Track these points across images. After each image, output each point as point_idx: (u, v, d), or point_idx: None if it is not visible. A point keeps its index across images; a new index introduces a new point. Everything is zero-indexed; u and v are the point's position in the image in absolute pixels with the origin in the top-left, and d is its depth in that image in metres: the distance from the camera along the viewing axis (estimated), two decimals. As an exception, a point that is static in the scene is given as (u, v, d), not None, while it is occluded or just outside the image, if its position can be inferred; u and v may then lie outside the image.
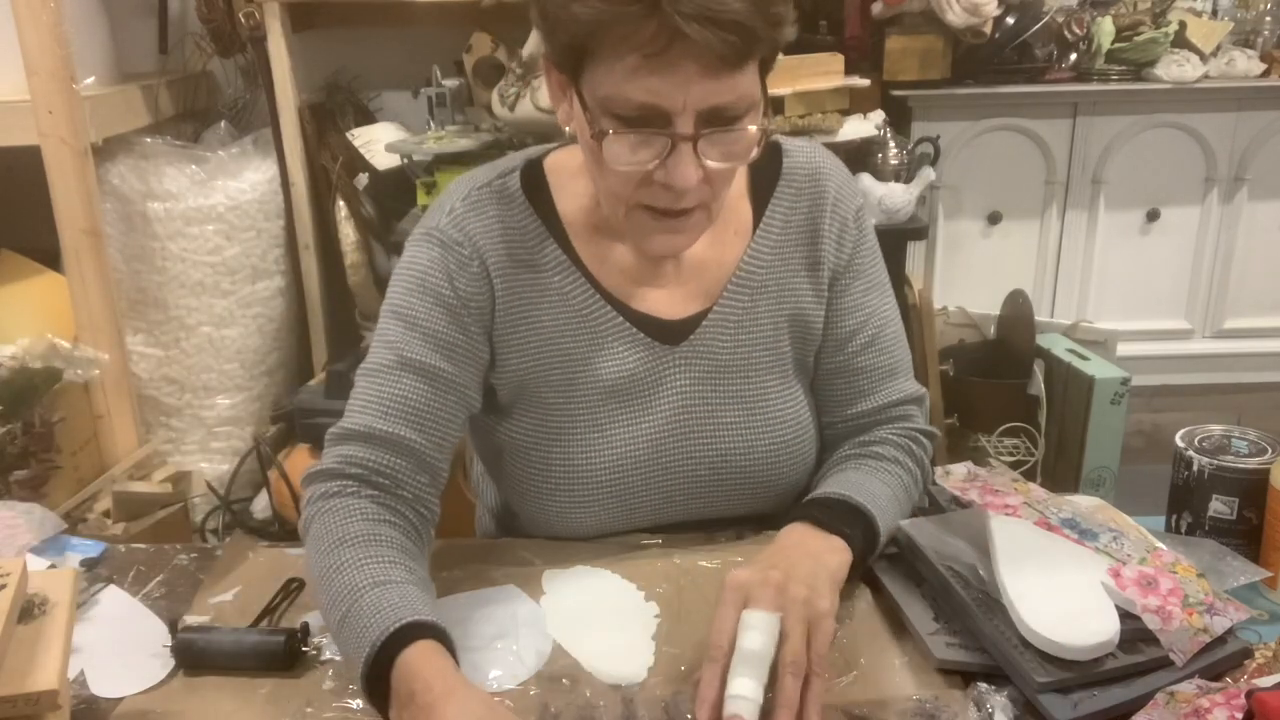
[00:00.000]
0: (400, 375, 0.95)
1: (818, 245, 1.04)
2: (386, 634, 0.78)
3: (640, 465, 1.02)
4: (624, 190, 0.90)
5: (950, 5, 2.63)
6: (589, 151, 0.90)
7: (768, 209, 1.04)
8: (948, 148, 2.83)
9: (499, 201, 1.00)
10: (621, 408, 1.02)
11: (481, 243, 0.98)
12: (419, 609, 0.81)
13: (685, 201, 0.89)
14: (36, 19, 1.94)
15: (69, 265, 2.09)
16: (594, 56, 0.84)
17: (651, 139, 0.85)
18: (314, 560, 0.88)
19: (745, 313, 1.03)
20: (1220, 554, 0.92)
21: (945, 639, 0.87)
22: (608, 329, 1.01)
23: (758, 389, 1.04)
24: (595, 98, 0.86)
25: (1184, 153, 3.04)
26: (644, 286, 1.02)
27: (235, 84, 2.80)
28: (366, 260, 2.65)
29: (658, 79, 0.82)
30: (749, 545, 1.04)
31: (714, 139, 0.86)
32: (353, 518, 0.90)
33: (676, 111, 0.83)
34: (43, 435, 1.97)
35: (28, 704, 0.73)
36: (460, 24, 2.58)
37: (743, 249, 1.03)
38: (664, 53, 0.81)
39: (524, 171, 1.02)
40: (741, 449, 1.03)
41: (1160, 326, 3.20)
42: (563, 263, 1.00)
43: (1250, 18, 3.08)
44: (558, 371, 1.01)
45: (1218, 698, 0.76)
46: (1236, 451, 0.99)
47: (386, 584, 0.83)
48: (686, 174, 0.86)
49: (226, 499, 2.45)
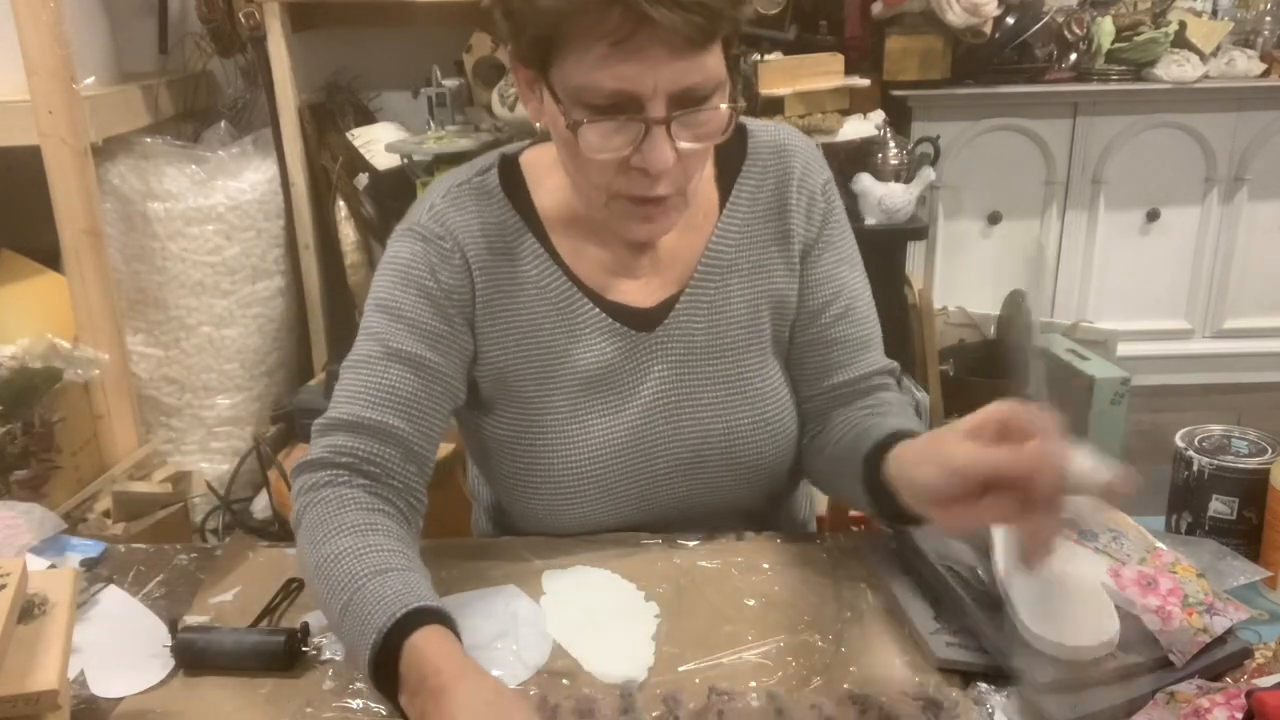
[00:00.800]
0: (387, 365, 0.96)
1: (786, 220, 1.05)
2: (393, 620, 0.78)
3: (621, 453, 1.03)
4: (601, 179, 0.91)
5: (950, 5, 2.63)
6: (563, 144, 0.92)
7: (734, 188, 1.05)
8: (948, 148, 2.83)
9: (478, 197, 1.02)
10: (600, 398, 1.03)
11: (462, 237, 1.00)
12: (423, 595, 0.81)
13: (661, 187, 0.90)
14: (36, 19, 1.94)
15: (69, 265, 2.09)
16: (561, 49, 0.85)
17: (625, 125, 0.86)
18: (309, 551, 0.88)
19: (718, 293, 1.04)
20: (1220, 554, 0.92)
21: (945, 639, 0.87)
22: (584, 320, 1.02)
23: (735, 368, 1.05)
24: (566, 89, 0.87)
25: (1184, 153, 3.04)
26: (619, 278, 1.03)
27: (235, 84, 2.80)
28: (366, 260, 2.65)
29: (627, 65, 0.83)
30: (749, 545, 1.04)
31: (685, 120, 0.87)
32: (346, 507, 0.90)
33: (647, 96, 0.85)
34: (43, 435, 1.97)
35: (28, 704, 0.73)
36: (460, 24, 2.58)
37: (711, 231, 1.04)
38: (631, 38, 0.82)
39: (501, 168, 1.04)
40: (721, 428, 1.04)
41: (1160, 326, 3.20)
42: (540, 256, 1.01)
43: (1250, 18, 3.08)
44: (536, 364, 1.02)
45: (1218, 698, 0.76)
46: (1236, 451, 0.99)
47: (388, 571, 0.83)
48: (663, 156, 0.87)
49: (226, 499, 2.45)
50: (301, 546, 0.90)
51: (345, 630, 0.83)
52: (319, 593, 0.86)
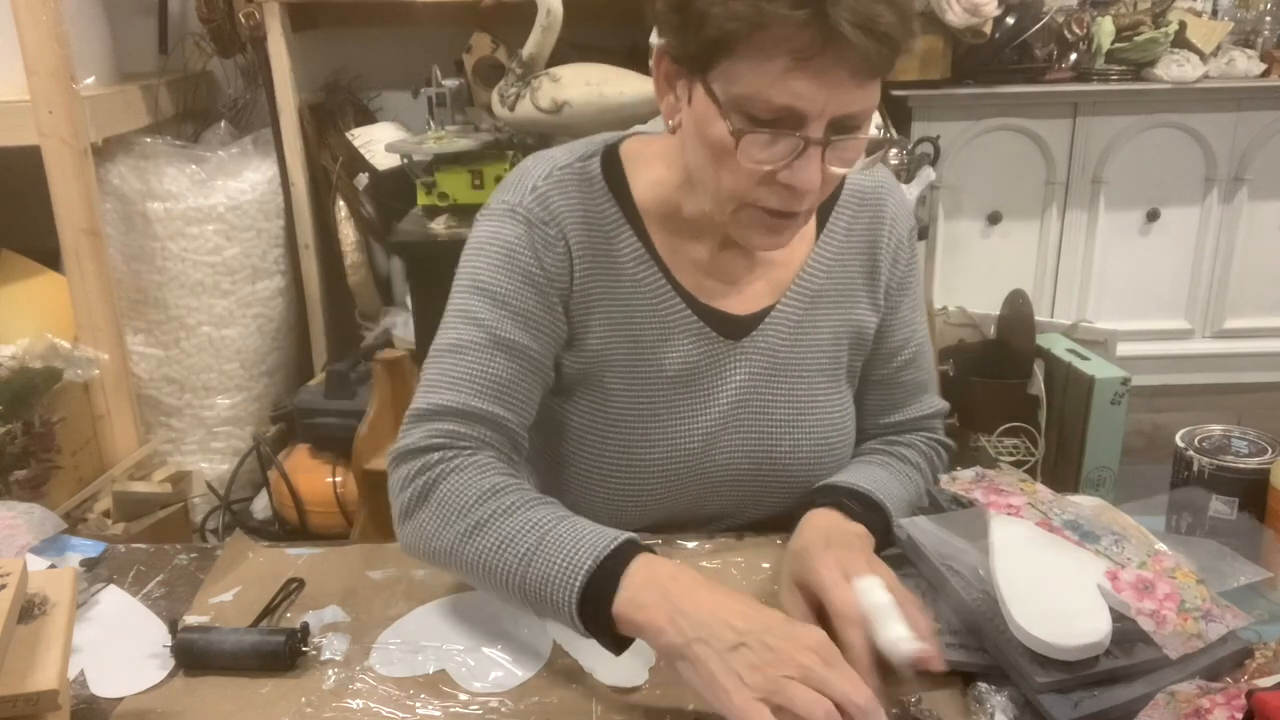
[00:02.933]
0: (494, 354, 0.96)
1: (875, 257, 1.08)
2: (618, 541, 0.81)
3: (691, 456, 1.04)
4: (743, 188, 0.89)
5: (950, 5, 2.63)
6: (708, 147, 0.89)
7: (830, 217, 1.07)
8: (948, 148, 2.83)
9: (580, 184, 1.00)
10: (680, 398, 1.03)
11: (565, 222, 0.99)
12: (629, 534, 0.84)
13: (802, 204, 0.90)
14: (36, 19, 1.94)
15: (69, 265, 2.09)
16: (736, 54, 0.83)
17: (783, 140, 0.85)
18: (455, 518, 0.88)
19: (805, 315, 1.06)
20: (1220, 554, 0.92)
21: (945, 639, 0.86)
22: (675, 320, 1.02)
23: (808, 389, 1.06)
24: (730, 95, 0.85)
25: (1184, 153, 3.04)
26: (713, 280, 1.04)
27: (235, 84, 2.80)
28: (366, 260, 2.64)
29: (806, 83, 0.82)
30: (749, 545, 1.04)
31: (838, 145, 0.87)
32: (487, 472, 0.90)
33: (813, 116, 0.84)
34: (43, 435, 1.97)
35: (28, 704, 0.73)
36: (460, 24, 2.58)
37: (806, 253, 1.06)
38: (816, 58, 0.81)
39: (604, 156, 1.02)
40: (787, 446, 1.06)
41: (1160, 326, 3.20)
42: (638, 251, 1.01)
43: (1250, 18, 3.08)
44: (623, 356, 1.02)
45: (1218, 698, 0.76)
46: (1236, 451, 0.99)
47: (572, 518, 0.86)
48: (813, 177, 0.86)
49: (226, 499, 2.45)
50: (439, 517, 0.89)
51: (537, 569, 0.82)
52: (485, 548, 0.86)
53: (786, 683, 0.72)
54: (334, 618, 0.94)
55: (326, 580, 1.00)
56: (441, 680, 0.86)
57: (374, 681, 0.86)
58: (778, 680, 0.72)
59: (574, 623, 0.81)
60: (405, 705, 0.83)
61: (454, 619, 0.93)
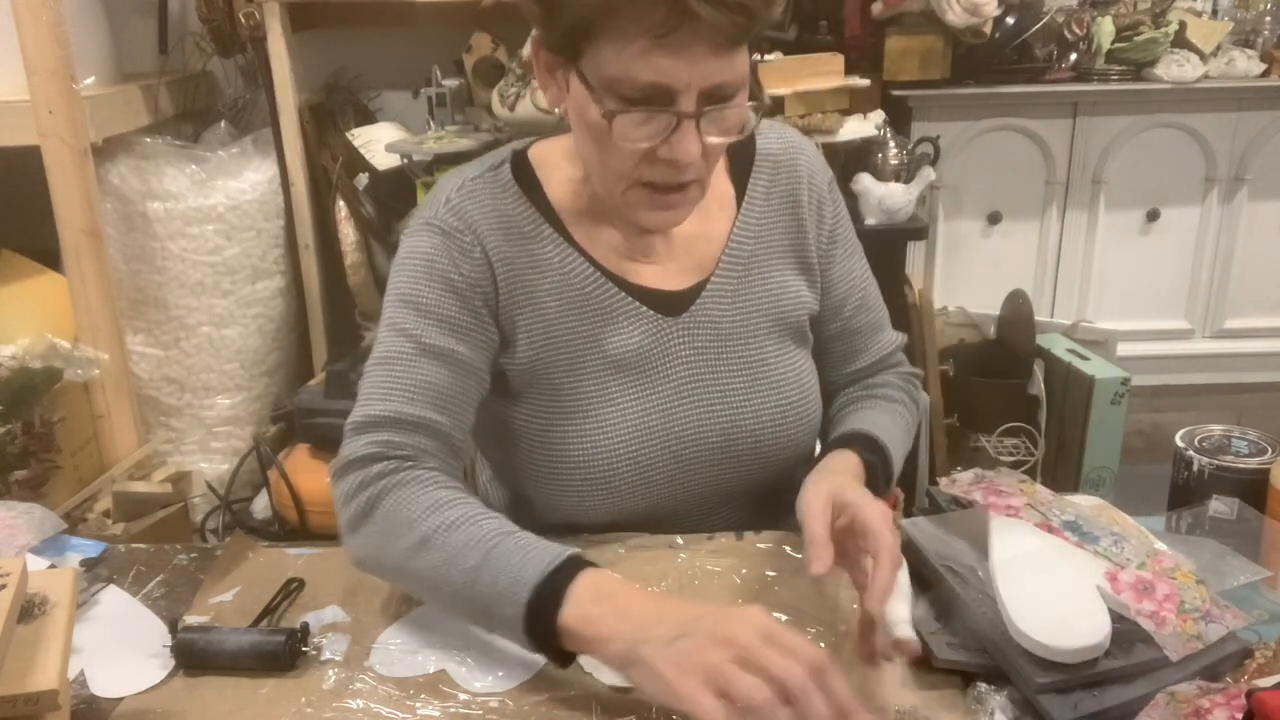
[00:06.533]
0: (421, 361, 0.97)
1: (800, 217, 1.10)
2: (562, 557, 0.82)
3: (652, 436, 1.04)
4: (625, 167, 0.93)
5: (950, 5, 2.63)
6: (588, 131, 0.92)
7: (749, 185, 1.09)
8: (948, 148, 2.83)
9: (493, 192, 1.03)
10: (631, 381, 1.04)
11: (481, 229, 1.00)
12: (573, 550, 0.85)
13: (684, 176, 0.93)
14: (36, 19, 1.94)
15: (69, 265, 2.09)
16: (598, 39, 0.86)
17: (656, 116, 0.88)
18: (401, 533, 0.89)
19: (740, 283, 1.07)
20: (1220, 554, 0.92)
21: (945, 639, 0.87)
22: (611, 305, 1.03)
23: (758, 354, 1.08)
24: (599, 79, 0.88)
25: (1184, 153, 3.04)
26: (637, 263, 1.05)
27: (235, 84, 2.80)
28: (366, 260, 2.64)
29: (667, 59, 0.85)
30: (750, 547, 1.04)
31: (713, 116, 0.90)
32: (428, 486, 0.92)
33: (681, 90, 0.87)
34: (43, 435, 1.97)
35: (28, 704, 0.73)
36: (460, 24, 2.58)
37: (729, 223, 1.08)
38: (673, 34, 0.83)
39: (513, 163, 1.05)
40: (748, 414, 1.07)
41: (1160, 326, 3.20)
42: (560, 244, 1.03)
43: (1250, 18, 3.08)
44: (565, 351, 1.03)
45: (1218, 698, 0.76)
46: (1236, 451, 0.99)
47: (519, 533, 0.87)
48: (690, 149, 0.89)
49: (226, 499, 2.45)
50: (384, 532, 0.90)
51: (485, 582, 0.84)
52: (433, 561, 0.87)
53: (727, 667, 0.72)
54: (334, 618, 0.94)
55: (326, 580, 1.00)
56: (441, 680, 0.86)
57: (374, 681, 0.86)
58: (719, 665, 0.72)
59: (521, 638, 0.83)
60: (405, 705, 0.83)
61: (454, 619, 0.93)
